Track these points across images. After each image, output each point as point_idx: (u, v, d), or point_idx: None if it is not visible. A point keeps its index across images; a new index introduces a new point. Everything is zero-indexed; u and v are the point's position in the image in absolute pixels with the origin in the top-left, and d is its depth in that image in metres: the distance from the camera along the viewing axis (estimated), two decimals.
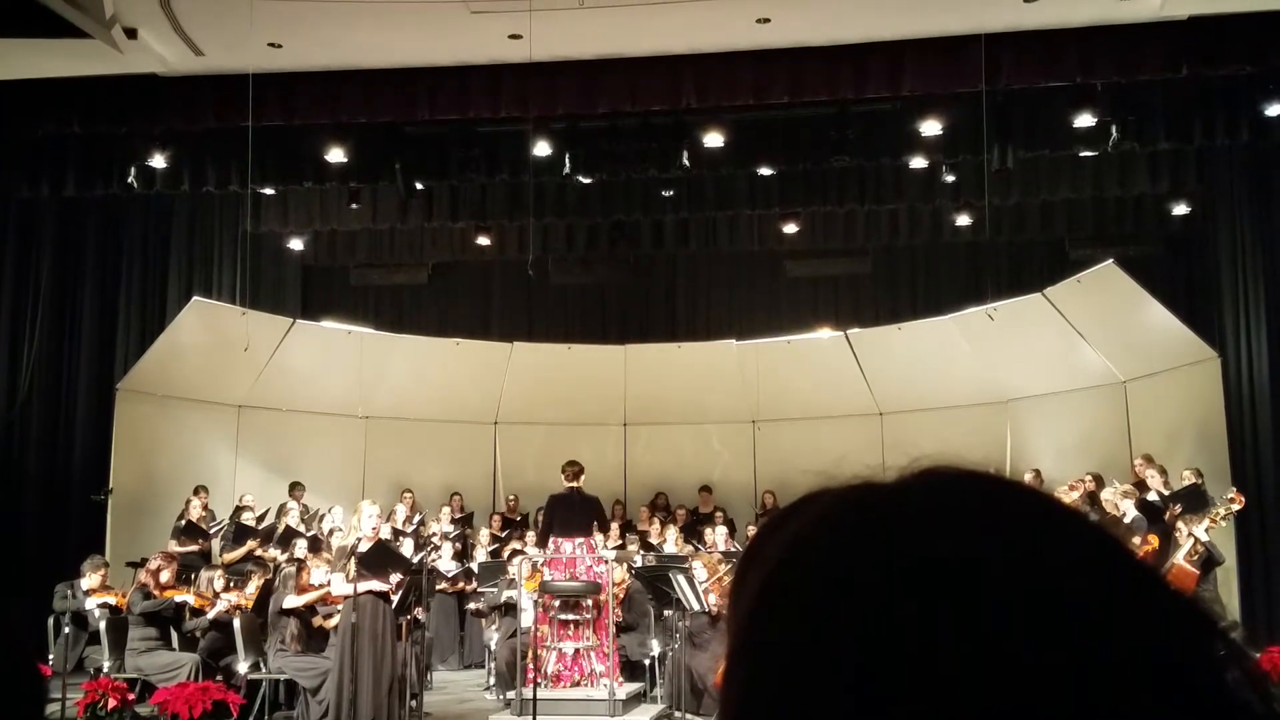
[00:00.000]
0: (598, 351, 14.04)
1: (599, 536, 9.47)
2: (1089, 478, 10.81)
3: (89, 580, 9.50)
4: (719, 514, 13.16)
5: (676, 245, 14.13)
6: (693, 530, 12.74)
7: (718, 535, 11.95)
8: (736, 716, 0.56)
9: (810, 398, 13.83)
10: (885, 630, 0.50)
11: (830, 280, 15.13)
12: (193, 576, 9.62)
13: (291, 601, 8.38)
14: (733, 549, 11.57)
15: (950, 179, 11.97)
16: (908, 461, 0.59)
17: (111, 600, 9.20)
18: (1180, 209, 13.01)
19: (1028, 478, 11.67)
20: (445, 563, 11.91)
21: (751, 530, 12.28)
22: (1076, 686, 0.48)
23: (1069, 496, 10.45)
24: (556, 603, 8.86)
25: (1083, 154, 11.38)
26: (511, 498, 14.05)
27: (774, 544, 0.57)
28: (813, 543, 0.56)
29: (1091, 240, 13.42)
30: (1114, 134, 10.52)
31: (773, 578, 0.56)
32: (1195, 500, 9.32)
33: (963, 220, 13.03)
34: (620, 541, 11.11)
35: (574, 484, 9.09)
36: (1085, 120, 10.55)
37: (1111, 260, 11.37)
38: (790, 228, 13.51)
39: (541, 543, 9.58)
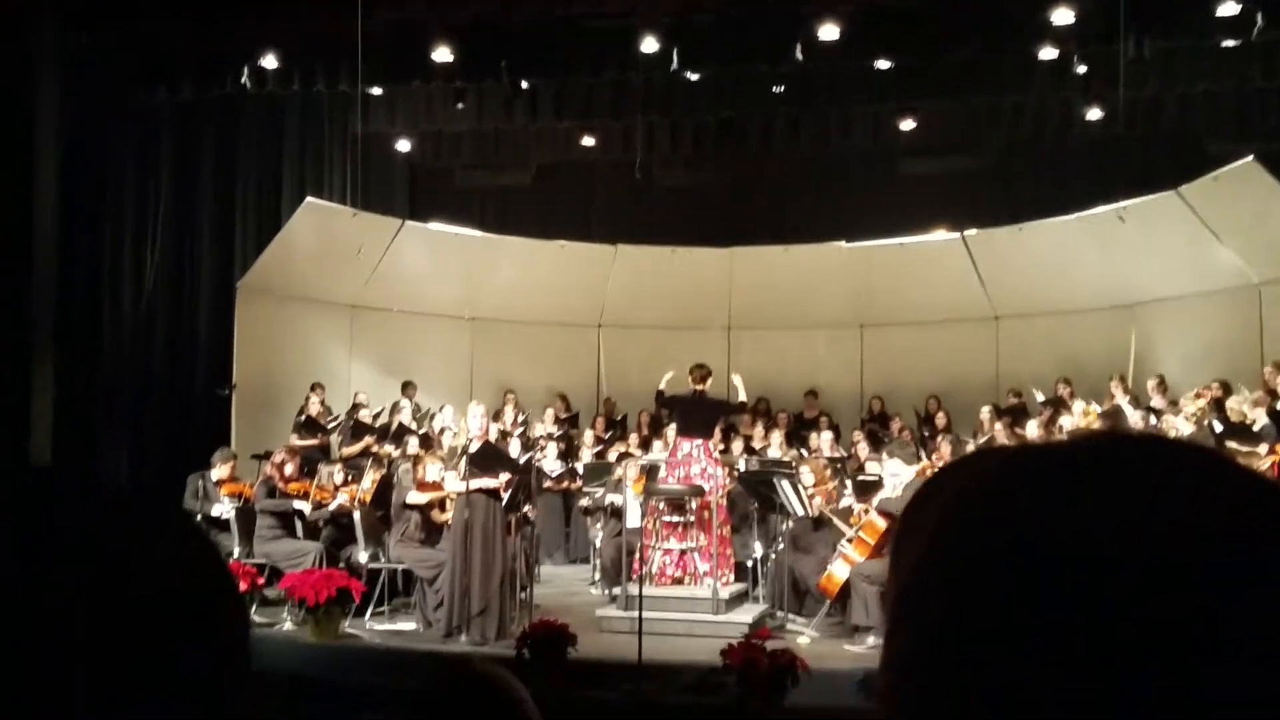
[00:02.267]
0: (703, 254, 13.86)
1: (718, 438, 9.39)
2: (1216, 385, 10.36)
3: (218, 471, 9.92)
4: (824, 419, 13.04)
5: (786, 144, 13.73)
6: (796, 435, 12.66)
7: (823, 440, 11.86)
8: (902, 670, 0.55)
9: (922, 302, 13.48)
10: (1048, 596, 0.50)
11: (947, 179, 14.54)
12: (316, 469, 9.93)
13: (415, 498, 8.60)
14: (838, 454, 11.48)
15: (1081, 70, 11.34)
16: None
17: (239, 500, 9.57)
18: None
19: (1151, 384, 11.28)
20: (550, 463, 12.09)
21: (858, 436, 12.15)
22: (1247, 657, 0.47)
23: (1194, 404, 10.07)
24: (663, 504, 8.92)
25: (1224, 44, 10.66)
26: (609, 400, 14.13)
27: (941, 499, 0.58)
28: (980, 502, 0.55)
29: (1231, 135, 12.61)
30: (1259, 22, 9.84)
31: (938, 534, 0.56)
32: None
33: (1093, 114, 12.38)
34: (724, 446, 11.08)
35: (699, 386, 9.09)
36: (1228, 8, 9.88)
37: (1251, 156, 10.70)
38: (907, 124, 13.01)
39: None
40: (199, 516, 9.12)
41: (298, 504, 9.33)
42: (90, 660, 0.57)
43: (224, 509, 9.50)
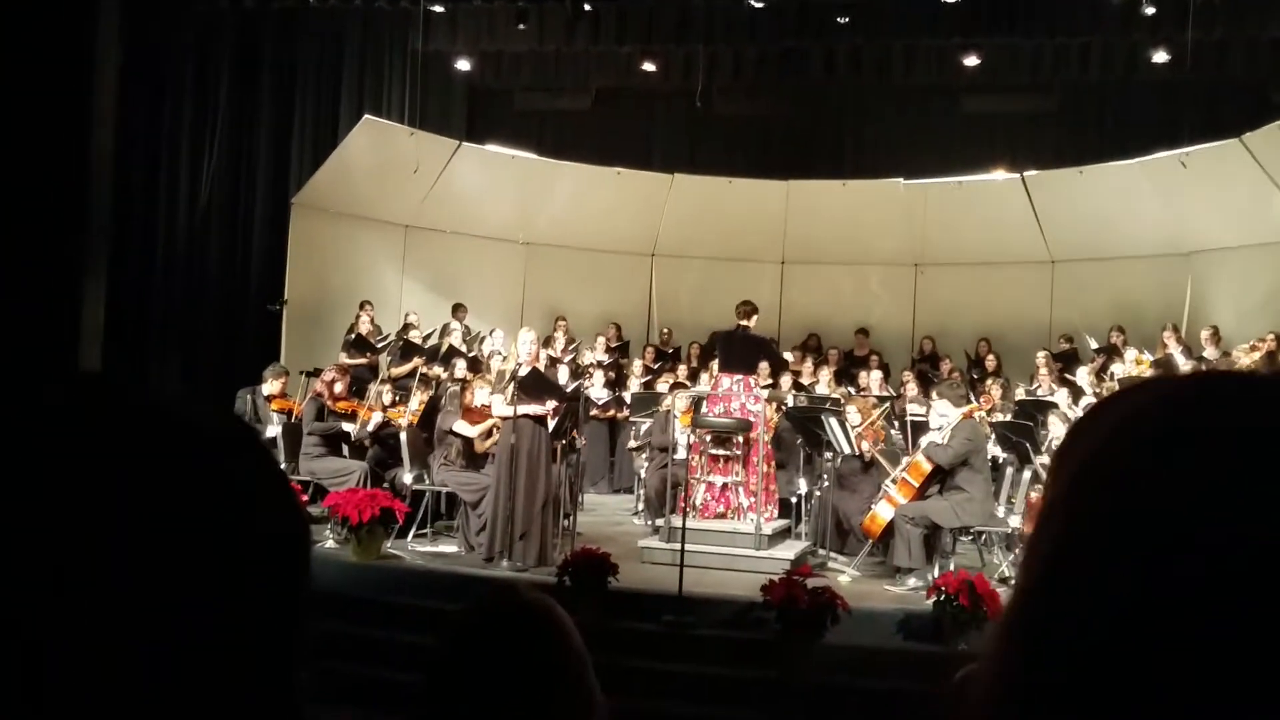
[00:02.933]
0: (759, 186, 13.72)
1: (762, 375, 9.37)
2: (1271, 338, 10.20)
3: (269, 387, 10.08)
4: (874, 358, 12.98)
5: (848, 76, 13.48)
6: (845, 373, 12.62)
7: (872, 379, 11.82)
8: (1044, 571, 0.56)
9: (978, 242, 13.30)
10: (1214, 515, 0.50)
11: (1009, 118, 14.21)
12: (366, 390, 10.05)
13: (461, 429, 8.67)
14: (887, 393, 11.43)
15: (1150, 11, 10.98)
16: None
17: (287, 417, 9.71)
18: None
19: (1204, 334, 11.11)
20: (597, 391, 12.16)
21: (907, 376, 12.09)
22: None
23: (1249, 356, 9.91)
24: (709, 437, 8.96)
25: None
26: (665, 330, 14.16)
27: (1113, 414, 0.58)
28: (1152, 416, 0.56)
29: None
30: None
31: (1109, 441, 0.56)
32: None
33: (1160, 57, 12.00)
34: (771, 382, 11.08)
35: (744, 323, 9.05)
36: None
37: None
38: (971, 60, 12.70)
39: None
40: None
41: (345, 426, 9.43)
42: (149, 564, 0.55)
43: (273, 425, 9.66)
